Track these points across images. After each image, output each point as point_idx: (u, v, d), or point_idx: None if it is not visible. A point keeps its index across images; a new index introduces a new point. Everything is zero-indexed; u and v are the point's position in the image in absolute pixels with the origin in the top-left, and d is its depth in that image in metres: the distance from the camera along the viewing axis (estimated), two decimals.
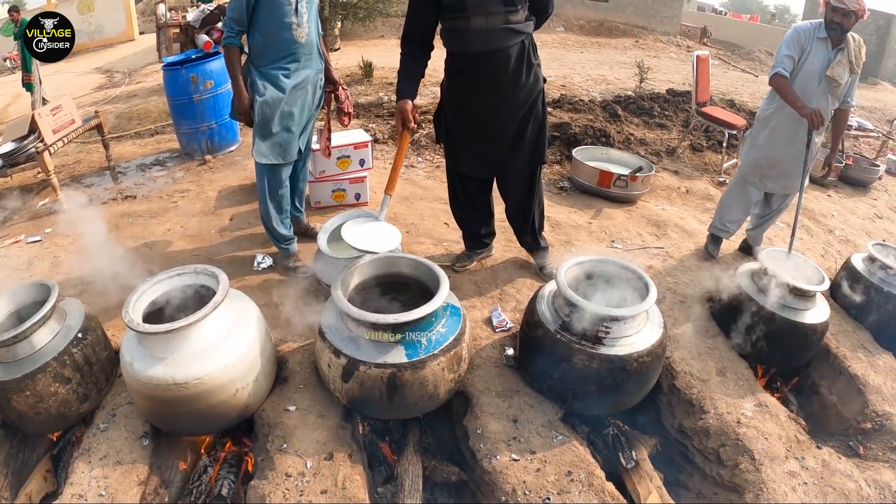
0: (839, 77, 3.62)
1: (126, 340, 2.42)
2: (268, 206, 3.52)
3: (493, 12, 2.92)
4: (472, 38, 3.00)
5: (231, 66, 3.25)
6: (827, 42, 3.65)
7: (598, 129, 6.47)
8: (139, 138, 6.89)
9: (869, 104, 13.17)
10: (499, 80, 3.09)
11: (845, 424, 3.26)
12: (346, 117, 3.86)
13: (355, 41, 13.70)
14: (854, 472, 2.71)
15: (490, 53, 3.01)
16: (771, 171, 3.99)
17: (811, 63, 3.68)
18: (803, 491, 2.55)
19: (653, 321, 2.68)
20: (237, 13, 3.14)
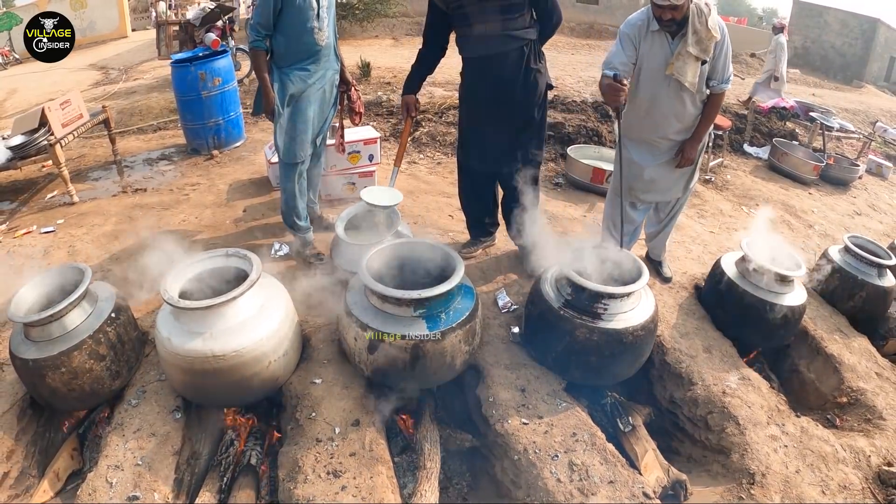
0: (680, 74, 3.13)
1: (161, 318, 2.59)
2: (287, 198, 3.75)
3: (491, 20, 3.15)
4: (475, 44, 3.27)
5: (258, 68, 3.44)
6: (664, 34, 3.15)
7: (591, 128, 6.70)
8: (142, 133, 6.99)
9: (853, 107, 13.44)
10: (498, 82, 3.30)
11: (823, 399, 3.52)
12: (357, 116, 4.05)
13: (350, 41, 13.75)
14: (831, 437, 2.96)
15: (490, 58, 3.25)
16: (636, 181, 3.59)
17: (650, 62, 3.22)
18: (784, 452, 2.80)
19: (645, 300, 2.93)
20: (264, 18, 3.35)
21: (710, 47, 3.09)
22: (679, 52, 3.10)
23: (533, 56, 3.32)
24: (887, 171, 8.69)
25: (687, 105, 3.29)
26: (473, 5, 3.15)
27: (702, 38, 3.06)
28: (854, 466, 2.84)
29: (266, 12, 3.34)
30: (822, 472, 2.76)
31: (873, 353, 3.76)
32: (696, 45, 3.07)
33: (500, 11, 3.13)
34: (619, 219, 3.63)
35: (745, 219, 5.67)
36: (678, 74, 3.12)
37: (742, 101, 10.12)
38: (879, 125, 10.75)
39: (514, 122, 3.42)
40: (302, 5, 3.34)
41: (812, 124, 8.42)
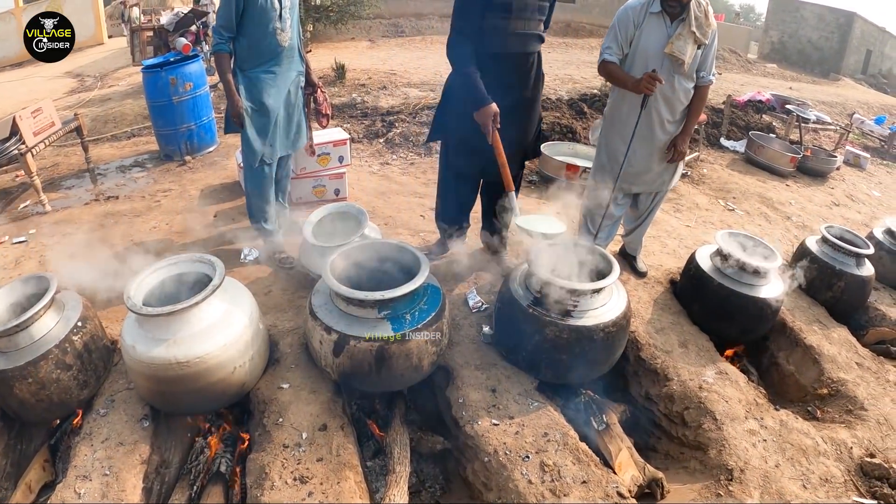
0: (680, 52, 3.18)
1: (127, 325, 2.55)
2: (255, 202, 3.72)
3: (531, 17, 3.10)
4: (510, 40, 3.12)
5: (223, 71, 3.39)
6: (663, 16, 3.21)
7: (565, 125, 6.71)
8: (116, 141, 6.89)
9: (830, 99, 13.51)
10: (525, 81, 3.27)
11: (803, 392, 3.52)
12: (325, 119, 4.02)
13: (326, 43, 13.72)
14: (811, 430, 2.95)
15: (523, 56, 3.20)
16: (621, 172, 3.52)
17: (647, 42, 3.26)
18: (763, 447, 2.78)
19: (617, 295, 2.91)
20: (227, 20, 3.31)
21: (709, 33, 3.21)
22: (680, 33, 3.16)
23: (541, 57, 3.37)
24: (865, 162, 8.76)
25: (677, 90, 3.31)
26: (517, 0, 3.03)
27: (702, 24, 3.18)
28: (836, 459, 2.83)
29: (228, 14, 3.30)
30: (803, 466, 2.74)
31: (853, 343, 3.77)
32: (698, 28, 3.17)
33: (538, 10, 3.12)
34: (595, 213, 3.67)
35: (721, 212, 5.66)
36: (678, 52, 3.17)
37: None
38: (857, 117, 10.86)
39: (525, 123, 3.40)
40: (264, 6, 3.31)
41: (788, 117, 8.47)
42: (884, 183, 8.46)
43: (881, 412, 3.20)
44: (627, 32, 3.27)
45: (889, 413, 3.20)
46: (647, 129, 3.40)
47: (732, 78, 15.03)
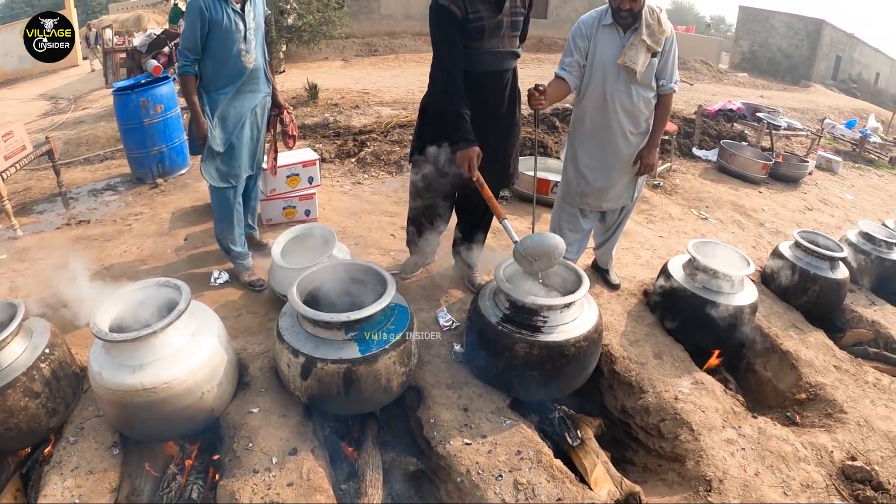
0: (631, 62, 3.17)
1: (94, 352, 2.51)
2: (222, 225, 3.68)
3: (503, 35, 3.09)
4: (483, 58, 3.07)
5: (188, 93, 3.37)
6: (616, 28, 3.22)
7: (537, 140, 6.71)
8: (89, 164, 6.85)
9: (801, 106, 13.76)
10: (502, 99, 3.25)
11: (782, 397, 3.52)
12: (291, 140, 4.00)
13: (300, 63, 13.76)
14: (790, 436, 2.95)
15: (499, 73, 3.18)
16: (588, 188, 3.54)
17: (602, 55, 3.26)
18: (741, 456, 2.77)
19: (587, 309, 2.90)
20: (191, 42, 3.29)
21: (662, 40, 3.19)
22: (632, 42, 3.16)
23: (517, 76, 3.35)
24: (837, 166, 8.92)
25: (635, 101, 3.30)
26: (490, 19, 2.99)
27: (654, 31, 3.17)
28: (816, 464, 2.83)
29: (193, 36, 3.28)
30: (783, 473, 2.73)
31: (830, 346, 3.79)
32: (650, 36, 3.16)
33: (511, 27, 3.09)
34: (566, 228, 3.64)
35: (694, 221, 5.71)
36: (630, 62, 3.17)
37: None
38: (827, 122, 11.07)
39: (501, 143, 3.34)
40: (229, 28, 3.30)
41: (759, 124, 8.60)
42: (856, 186, 8.63)
43: (861, 414, 3.21)
44: (581, 47, 3.30)
45: (869, 415, 3.21)
46: (611, 143, 3.41)
47: (704, 88, 15.27)
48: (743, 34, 26.68)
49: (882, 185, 9.21)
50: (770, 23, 25.64)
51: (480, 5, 2.95)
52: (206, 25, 3.27)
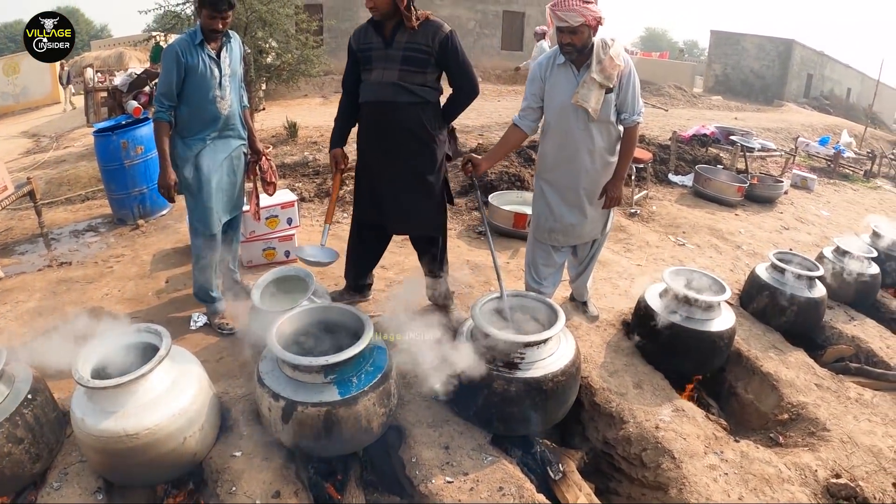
0: (584, 101, 3.16)
1: (76, 398, 2.52)
2: (200, 271, 3.70)
3: (388, 68, 3.19)
4: (370, 88, 3.28)
5: (159, 140, 3.40)
6: (570, 66, 3.23)
7: (513, 174, 6.78)
8: (70, 204, 6.85)
9: (775, 125, 13.98)
10: (389, 132, 3.31)
11: (765, 419, 3.57)
12: (271, 187, 4.01)
13: (280, 101, 13.88)
14: (773, 458, 2.98)
15: (381, 104, 3.27)
16: (556, 225, 3.56)
17: (556, 95, 3.27)
18: (724, 480, 2.80)
19: (565, 344, 2.94)
20: (167, 88, 3.33)
21: (614, 75, 3.16)
22: (584, 80, 3.16)
23: (431, 121, 3.33)
24: (812, 183, 9.10)
25: (596, 139, 3.31)
26: (380, 50, 3.20)
27: (605, 67, 3.14)
28: (801, 484, 2.86)
29: (168, 82, 3.32)
30: (767, 495, 2.76)
31: (811, 364, 3.84)
32: (600, 73, 3.14)
33: (401, 61, 3.17)
34: (540, 263, 3.67)
35: (672, 248, 5.78)
36: (582, 101, 3.16)
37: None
38: (801, 140, 11.29)
39: (406, 179, 3.40)
40: (204, 74, 3.35)
41: (733, 147, 8.76)
42: (832, 202, 8.80)
43: (844, 430, 3.25)
44: (536, 88, 3.33)
45: (852, 430, 3.26)
46: (575, 180, 3.43)
47: (679, 113, 15.47)
48: (715, 58, 27.31)
49: (857, 199, 9.39)
50: (741, 45, 26.27)
51: (373, 38, 3.23)
52: (181, 71, 3.32)
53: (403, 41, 3.17)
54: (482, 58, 21.01)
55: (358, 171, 3.61)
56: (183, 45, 3.32)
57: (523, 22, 22.13)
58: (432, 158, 3.39)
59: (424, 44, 3.16)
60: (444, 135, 3.45)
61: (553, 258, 3.70)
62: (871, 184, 10.75)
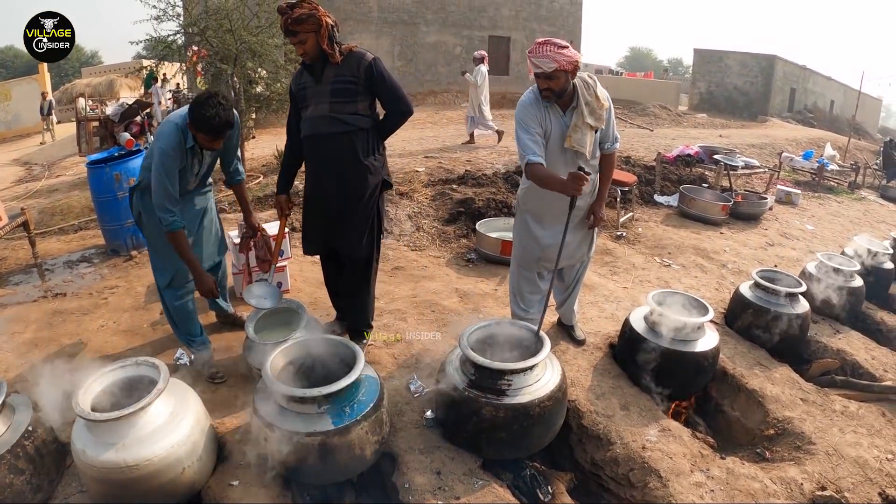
0: (579, 145, 3.21)
1: (76, 430, 2.57)
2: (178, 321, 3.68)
3: (320, 102, 3.34)
4: (306, 123, 3.44)
5: (183, 250, 3.30)
6: (555, 107, 3.26)
7: (500, 200, 6.85)
8: (63, 234, 6.85)
9: (759, 141, 14.09)
10: (324, 164, 3.46)
11: (751, 435, 3.63)
12: (265, 264, 3.91)
13: (269, 129, 13.93)
14: (759, 473, 3.04)
15: (315, 138, 3.41)
16: (543, 253, 3.58)
17: (552, 138, 3.28)
18: (711, 497, 2.86)
19: (551, 370, 3.04)
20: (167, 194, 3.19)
21: (603, 115, 3.26)
22: (576, 124, 3.21)
23: (363, 147, 3.43)
24: (797, 198, 9.20)
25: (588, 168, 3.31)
26: (311, 87, 3.36)
27: (594, 109, 3.22)
28: (787, 498, 2.92)
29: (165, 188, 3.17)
30: None
31: (796, 379, 3.91)
32: (591, 115, 3.21)
33: (330, 94, 3.32)
34: (526, 291, 3.73)
35: (657, 269, 5.85)
36: (578, 146, 3.22)
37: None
38: (785, 155, 11.42)
39: (339, 200, 3.50)
40: (186, 167, 3.31)
41: (717, 167, 8.89)
42: (817, 215, 8.91)
43: (829, 443, 3.32)
44: (539, 130, 3.24)
45: (837, 443, 3.32)
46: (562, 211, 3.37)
47: (664, 133, 15.52)
48: (699, 76, 27.64)
49: (842, 211, 9.51)
50: (725, 62, 26.61)
51: (307, 77, 3.40)
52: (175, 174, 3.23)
53: (332, 76, 3.31)
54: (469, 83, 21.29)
55: (304, 200, 3.74)
56: (176, 150, 3.19)
57: (509, 46, 22.68)
58: (363, 183, 3.47)
59: (350, 75, 3.31)
60: (378, 160, 3.54)
61: (538, 285, 3.75)
62: (855, 195, 10.90)
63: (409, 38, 20.88)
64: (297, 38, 3.20)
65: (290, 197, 3.70)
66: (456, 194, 7.18)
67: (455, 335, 3.26)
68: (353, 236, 3.56)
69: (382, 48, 20.23)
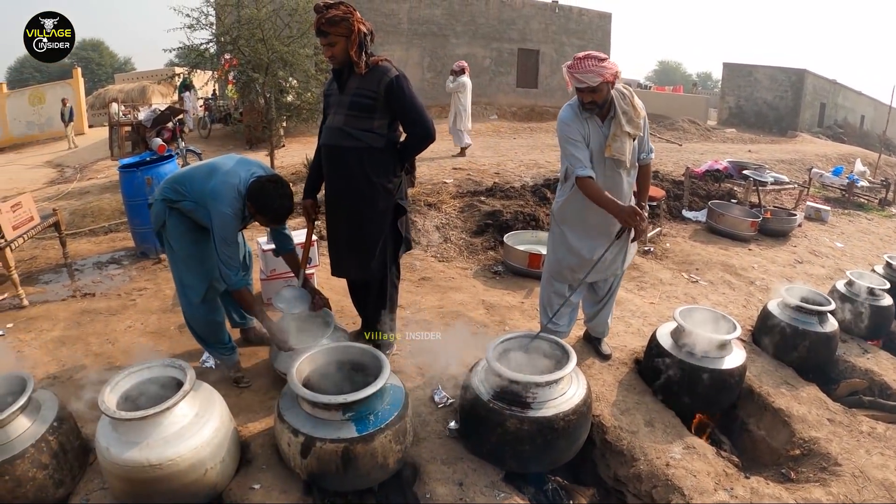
0: (619, 153, 3.25)
1: (101, 428, 2.60)
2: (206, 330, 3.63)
3: (338, 113, 3.31)
4: (324, 132, 3.43)
5: (250, 305, 3.39)
6: (594, 118, 3.29)
7: (528, 213, 6.83)
8: (94, 236, 6.99)
9: (789, 157, 13.92)
10: (335, 175, 3.42)
11: (776, 455, 3.57)
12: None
13: (299, 138, 14.06)
14: (783, 494, 3.00)
15: (328, 148, 3.40)
16: (578, 264, 3.59)
17: (593, 148, 3.31)
18: None
19: (577, 383, 3.01)
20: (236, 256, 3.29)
21: (640, 123, 3.29)
22: (615, 133, 3.24)
23: (375, 166, 3.35)
24: (826, 215, 9.05)
25: (622, 182, 3.40)
26: (335, 95, 3.35)
27: (632, 117, 3.24)
28: None
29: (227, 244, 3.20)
30: None
31: (823, 399, 3.84)
32: (629, 123, 3.24)
33: (348, 106, 3.26)
34: (556, 303, 3.72)
35: (685, 285, 5.79)
36: (618, 154, 3.25)
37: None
38: (815, 171, 11.24)
39: (347, 220, 3.48)
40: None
41: (746, 182, 8.78)
42: (846, 233, 8.75)
43: (856, 465, 3.25)
44: (580, 138, 3.28)
45: (864, 465, 3.26)
46: (601, 223, 3.47)
47: (693, 148, 15.45)
48: (728, 90, 27.36)
49: (872, 228, 9.35)
50: (754, 76, 26.33)
51: (333, 85, 3.38)
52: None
53: (353, 87, 3.26)
54: (498, 95, 21.47)
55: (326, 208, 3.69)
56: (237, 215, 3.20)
57: (538, 59, 22.62)
58: (372, 204, 3.41)
59: (370, 89, 3.23)
60: (391, 183, 3.43)
61: (569, 297, 3.74)
62: (885, 212, 10.71)
63: (439, 49, 20.96)
64: (328, 39, 3.14)
65: (316, 201, 3.67)
66: (484, 206, 7.19)
67: (481, 347, 3.25)
68: (359, 257, 3.52)
69: (412, 60, 20.36)
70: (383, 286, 3.67)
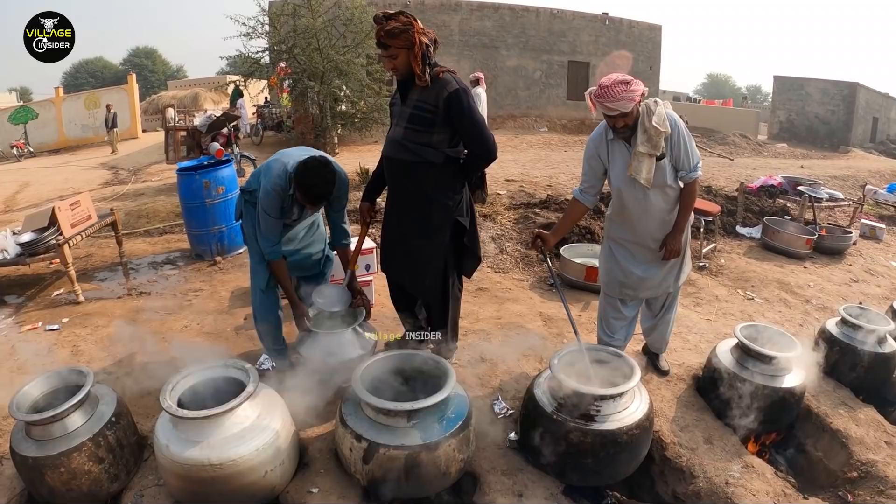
0: (636, 173, 3.20)
1: (160, 425, 2.65)
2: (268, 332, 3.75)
3: (398, 124, 3.27)
4: (386, 142, 3.41)
5: (282, 278, 3.49)
6: (620, 140, 3.28)
7: (583, 226, 6.80)
8: (149, 236, 7.17)
9: (841, 173, 13.63)
10: (394, 186, 3.42)
11: (833, 477, 3.47)
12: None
13: (351, 146, 14.15)
14: None
15: (388, 159, 3.38)
16: (626, 280, 3.58)
17: (616, 167, 3.32)
18: None
19: (639, 398, 2.97)
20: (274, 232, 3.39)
21: (660, 142, 3.16)
22: (634, 153, 3.20)
23: (434, 182, 3.29)
24: (881, 233, 8.78)
25: (655, 203, 3.33)
26: (398, 106, 3.30)
27: (651, 136, 3.14)
28: None
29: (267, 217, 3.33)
30: None
31: (881, 422, 3.73)
32: (646, 143, 3.15)
33: (408, 118, 3.19)
34: (611, 316, 3.70)
35: (741, 302, 5.69)
36: (635, 174, 3.20)
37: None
38: (869, 188, 10.92)
39: (404, 232, 3.45)
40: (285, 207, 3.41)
41: (801, 198, 8.58)
42: None
43: None
44: (594, 167, 3.39)
45: None
46: (641, 242, 3.48)
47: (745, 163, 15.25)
48: (779, 104, 26.84)
49: None
50: (805, 90, 25.79)
51: (397, 95, 3.33)
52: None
53: (414, 99, 3.18)
54: (548, 107, 21.45)
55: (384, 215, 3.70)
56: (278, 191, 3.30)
57: (588, 72, 22.46)
58: (427, 220, 3.36)
59: (430, 102, 3.14)
60: (451, 200, 3.36)
61: (623, 312, 3.72)
62: None
63: (490, 61, 20.91)
64: (388, 52, 3.04)
65: (374, 206, 3.66)
66: (539, 218, 7.19)
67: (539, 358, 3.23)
68: (414, 273, 3.50)
69: (463, 71, 20.35)
70: (445, 303, 3.61)
